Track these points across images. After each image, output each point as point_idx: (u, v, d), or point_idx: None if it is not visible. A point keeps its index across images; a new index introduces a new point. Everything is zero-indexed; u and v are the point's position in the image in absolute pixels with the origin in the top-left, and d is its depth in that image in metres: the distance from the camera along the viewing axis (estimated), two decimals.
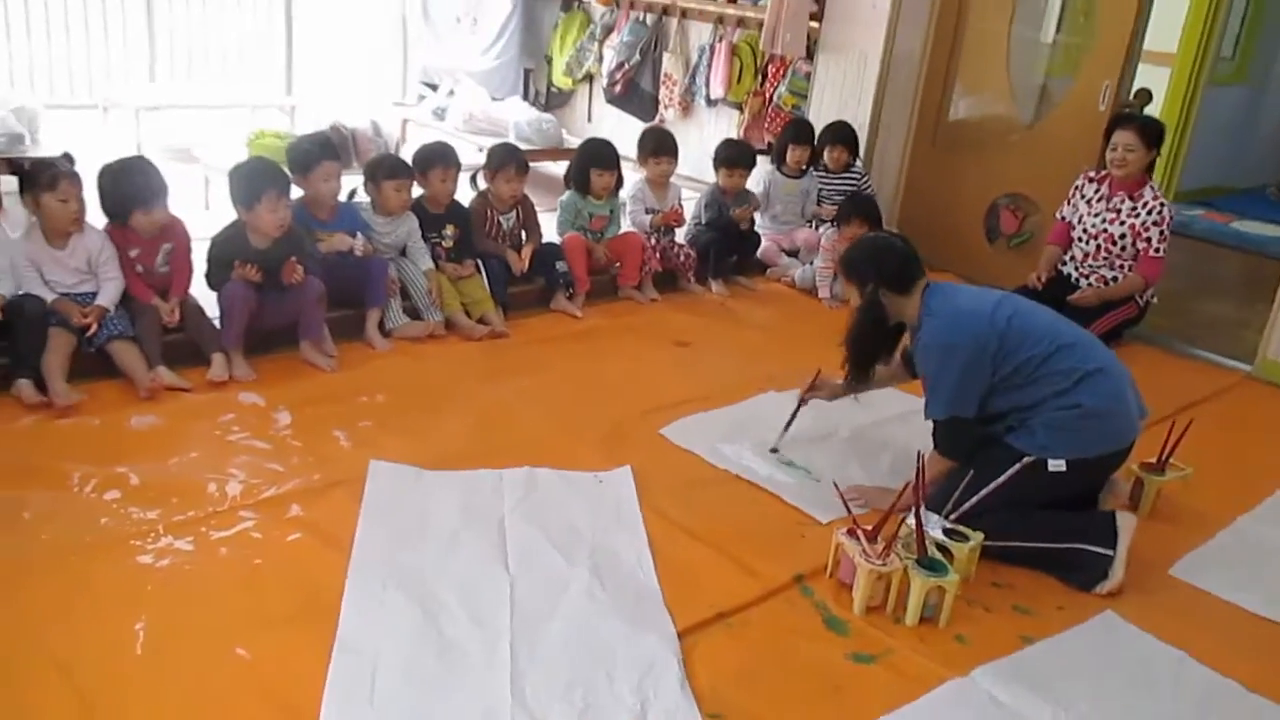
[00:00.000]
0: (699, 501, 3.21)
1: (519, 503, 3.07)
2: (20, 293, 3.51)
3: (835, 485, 2.94)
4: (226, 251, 3.85)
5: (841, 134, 5.90)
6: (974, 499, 2.94)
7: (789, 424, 3.59)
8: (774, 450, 3.54)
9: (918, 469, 2.82)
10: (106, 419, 3.37)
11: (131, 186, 3.69)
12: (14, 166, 3.61)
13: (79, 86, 7.53)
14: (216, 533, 2.80)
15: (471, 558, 2.78)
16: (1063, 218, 5.16)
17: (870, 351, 3.30)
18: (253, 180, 3.84)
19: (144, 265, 3.80)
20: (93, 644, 2.33)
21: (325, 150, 4.20)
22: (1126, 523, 2.97)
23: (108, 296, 3.66)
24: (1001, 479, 2.94)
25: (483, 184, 4.80)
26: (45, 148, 5.01)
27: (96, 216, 3.74)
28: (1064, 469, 2.96)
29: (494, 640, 2.45)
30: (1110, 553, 2.92)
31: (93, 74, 7.58)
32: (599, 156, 5.02)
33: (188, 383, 3.62)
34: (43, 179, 3.53)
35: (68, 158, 3.66)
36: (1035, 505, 3.01)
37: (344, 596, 2.56)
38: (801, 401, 3.63)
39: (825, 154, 5.89)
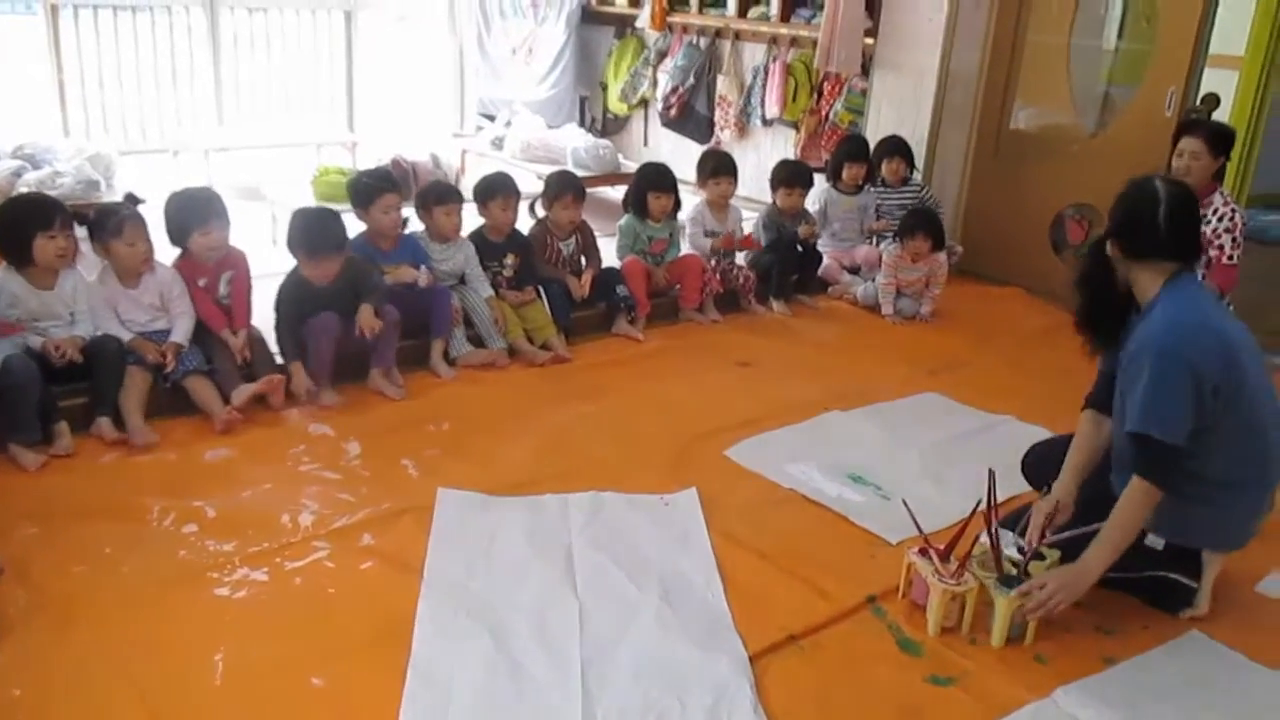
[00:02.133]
0: (767, 523, 3.19)
1: (585, 527, 3.07)
2: (98, 333, 3.61)
3: (905, 504, 2.89)
4: (293, 295, 3.93)
5: (896, 146, 5.87)
6: (1069, 533, 2.77)
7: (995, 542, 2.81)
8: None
9: (990, 487, 2.76)
10: (182, 454, 3.44)
11: (190, 210, 3.80)
12: (80, 216, 3.70)
13: (151, 132, 7.77)
14: (291, 563, 2.84)
15: (540, 583, 2.78)
16: None
17: (1093, 303, 2.80)
18: (313, 236, 3.94)
19: (211, 296, 3.89)
20: (173, 675, 2.37)
21: (384, 183, 4.28)
22: (1212, 556, 2.84)
23: (181, 332, 3.75)
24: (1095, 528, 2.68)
25: (541, 211, 4.84)
26: (120, 193, 5.14)
27: (167, 254, 3.85)
28: (1160, 548, 2.75)
29: (565, 667, 2.44)
30: (1195, 584, 2.82)
31: (163, 119, 7.82)
32: (656, 180, 5.04)
33: (266, 386, 3.70)
34: (109, 226, 3.64)
35: (131, 199, 3.77)
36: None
37: (416, 624, 2.57)
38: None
39: (882, 168, 5.85)
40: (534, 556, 2.90)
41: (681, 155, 7.83)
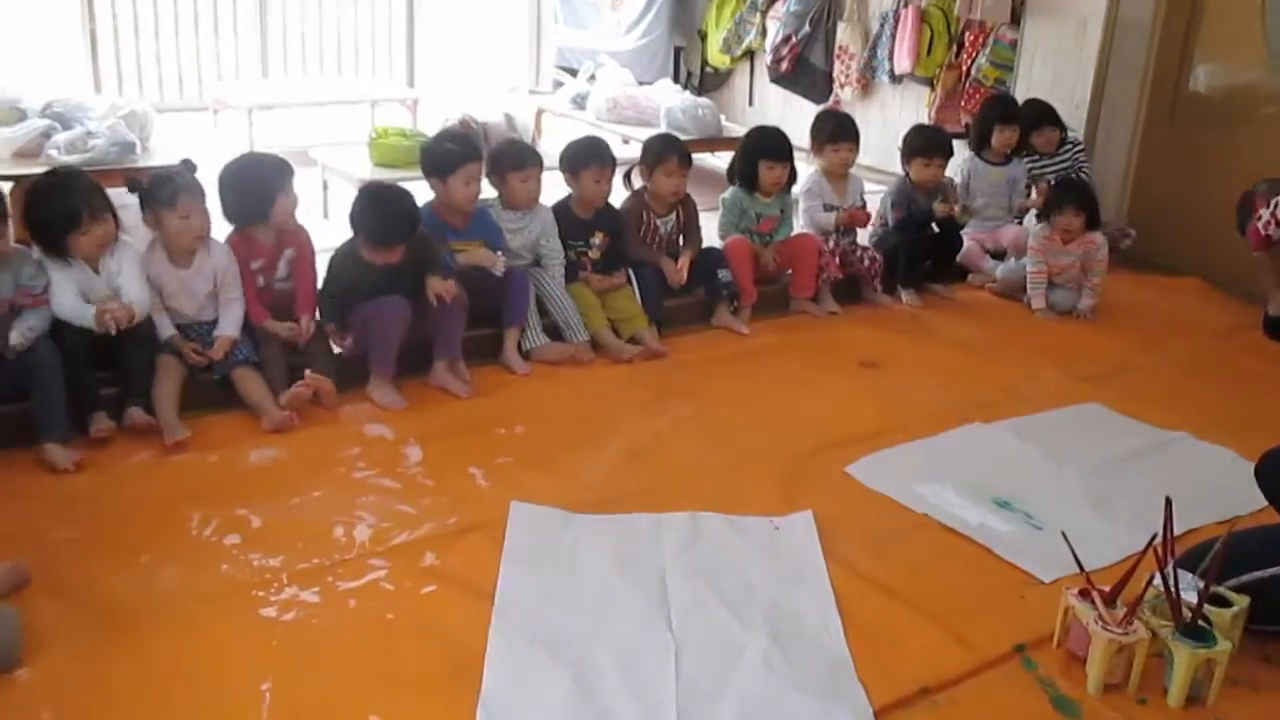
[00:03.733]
0: (894, 553, 3.16)
1: (682, 552, 3.08)
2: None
3: (1064, 536, 2.83)
4: (347, 274, 4.01)
5: (1045, 114, 5.83)
6: (1262, 574, 2.72)
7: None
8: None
9: (1166, 517, 2.70)
10: (224, 455, 3.53)
11: (261, 175, 3.90)
12: (131, 181, 3.81)
13: (189, 87, 7.99)
14: (344, 583, 2.89)
15: (628, 617, 2.79)
16: None
17: None
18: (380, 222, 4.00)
19: (265, 278, 3.99)
20: (216, 705, 2.43)
21: (468, 149, 4.32)
22: None
23: (232, 322, 3.84)
24: None
25: (638, 182, 4.85)
26: (158, 155, 5.29)
27: (219, 230, 3.96)
28: None
29: (657, 714, 2.45)
30: None
31: (203, 73, 8.03)
32: (769, 146, 5.02)
33: (318, 384, 3.78)
34: (162, 195, 3.73)
35: (188, 165, 3.87)
36: None
37: (486, 657, 2.60)
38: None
39: (1032, 138, 5.79)
40: (622, 585, 2.92)
41: (793, 116, 7.81)
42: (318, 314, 4.05)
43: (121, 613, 2.71)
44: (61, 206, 3.59)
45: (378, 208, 4.01)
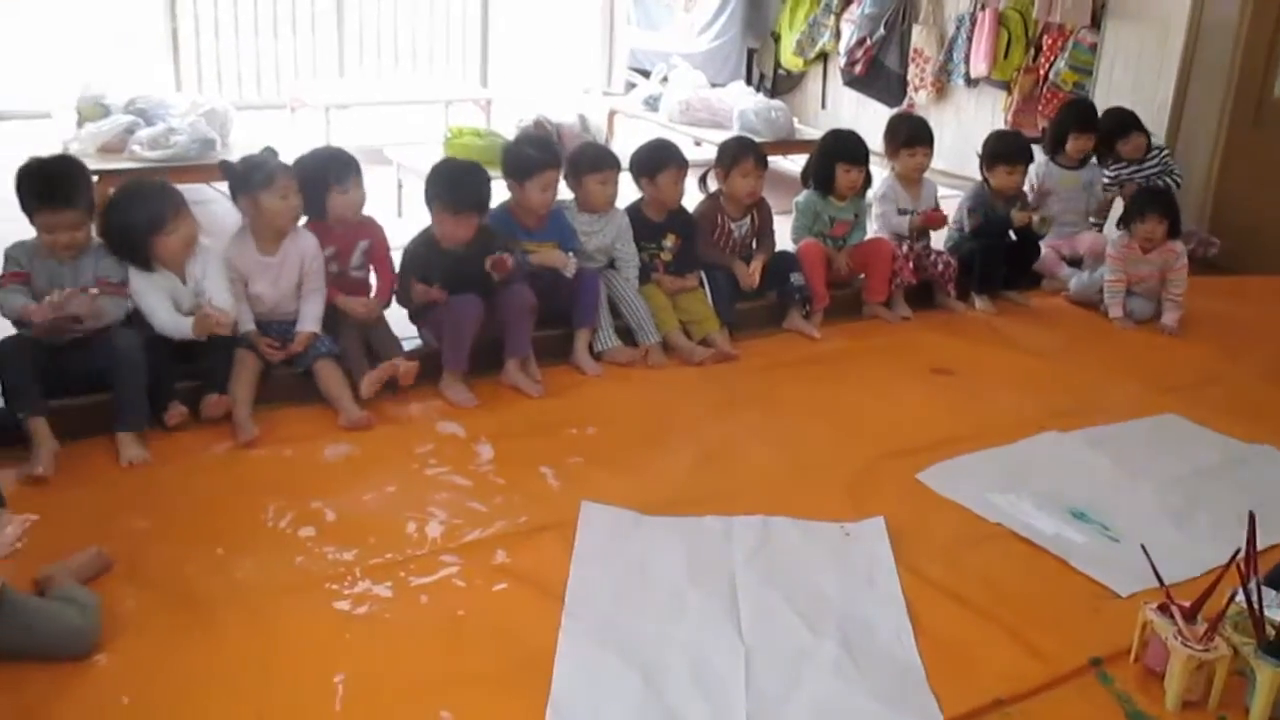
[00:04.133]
0: (968, 563, 3.13)
1: (752, 556, 3.07)
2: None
3: (1144, 549, 2.78)
4: (420, 258, 4.06)
5: (1130, 121, 5.75)
6: None
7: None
8: None
9: (1250, 532, 2.64)
10: (300, 448, 3.58)
11: (327, 167, 3.94)
12: (224, 165, 3.90)
13: (266, 86, 8.13)
14: (417, 579, 2.92)
15: (699, 620, 2.79)
16: None
17: None
18: (460, 191, 4.04)
19: (339, 266, 4.04)
20: (290, 696, 2.47)
21: (548, 156, 4.33)
22: None
23: (312, 316, 3.89)
24: None
25: (714, 184, 4.84)
26: (237, 152, 5.35)
27: None
28: None
29: (728, 719, 2.44)
30: None
31: (280, 72, 8.17)
32: (846, 149, 4.99)
33: (394, 370, 3.84)
34: (258, 176, 3.78)
35: (270, 151, 3.93)
36: None
37: (556, 657, 2.61)
38: None
39: (1119, 146, 5.72)
40: (692, 588, 2.91)
41: (866, 119, 7.77)
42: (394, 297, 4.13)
43: (198, 601, 2.77)
44: (144, 211, 3.63)
45: (450, 174, 4.11)
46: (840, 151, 4.99)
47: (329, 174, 3.93)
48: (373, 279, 4.17)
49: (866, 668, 2.65)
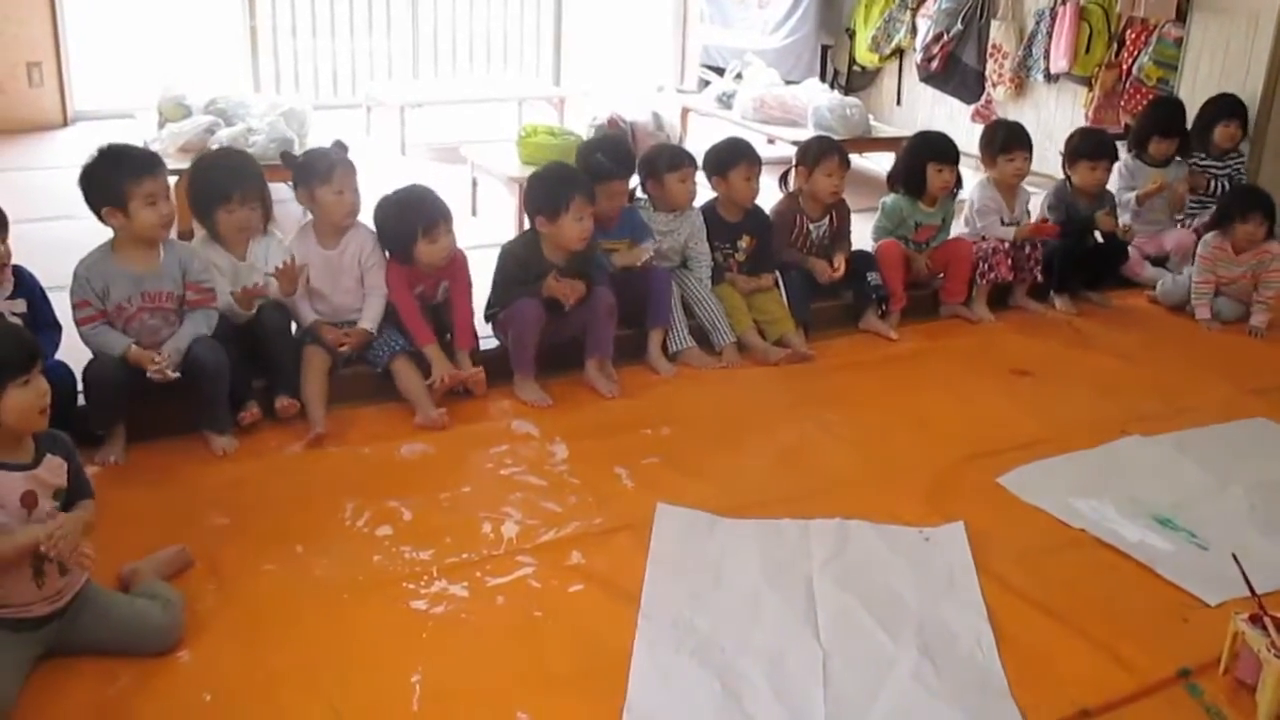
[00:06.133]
0: (1050, 569, 3.08)
1: (830, 560, 3.05)
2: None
3: (1235, 558, 2.71)
4: (520, 268, 4.04)
5: (1234, 108, 5.66)
6: None
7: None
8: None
9: None
10: (376, 447, 3.62)
11: (413, 218, 3.87)
12: (286, 156, 3.95)
13: (343, 86, 8.24)
14: (493, 579, 2.94)
15: (776, 624, 2.77)
16: None
17: None
18: (558, 188, 3.98)
19: (424, 300, 4.02)
20: (367, 693, 2.49)
21: (620, 165, 4.32)
22: None
23: (372, 316, 3.89)
24: None
25: (794, 184, 4.81)
26: None
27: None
28: None
29: None
30: None
31: (356, 72, 8.28)
32: (937, 149, 4.90)
33: (468, 378, 3.86)
34: (318, 170, 3.82)
35: (340, 145, 3.96)
36: None
37: (632, 660, 2.61)
38: None
39: (1215, 132, 5.62)
40: (769, 591, 2.90)
41: (941, 116, 7.69)
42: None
43: (277, 599, 2.80)
44: (216, 178, 3.71)
45: (548, 181, 4.06)
46: (931, 151, 4.90)
47: (417, 225, 3.85)
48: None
49: (947, 675, 2.61)
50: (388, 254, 3.96)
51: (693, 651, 2.65)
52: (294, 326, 3.87)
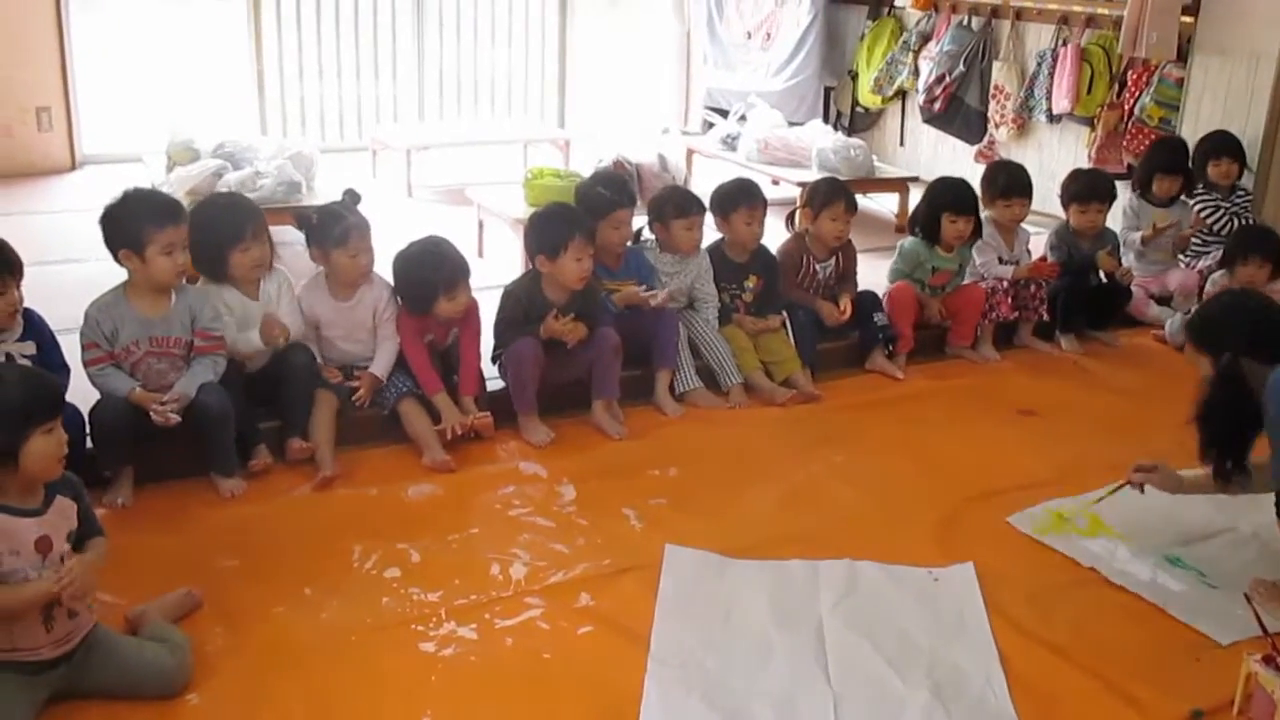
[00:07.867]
0: (1060, 610, 3.08)
1: (839, 602, 3.04)
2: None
3: (1248, 597, 2.71)
4: (521, 308, 4.06)
5: (1224, 143, 5.69)
6: None
7: (1101, 499, 3.49)
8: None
9: None
10: (384, 489, 3.63)
11: (434, 277, 3.88)
12: (300, 218, 3.96)
13: (349, 129, 8.31)
14: (501, 621, 2.94)
15: (786, 667, 2.77)
16: None
17: (1226, 437, 3.16)
18: (558, 227, 4.02)
19: (434, 346, 4.05)
20: None
21: (621, 195, 4.37)
22: None
23: (383, 364, 3.92)
24: None
25: (800, 225, 4.84)
26: (322, 195, 5.48)
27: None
28: None
29: None
30: None
31: (362, 115, 8.35)
32: (952, 199, 4.86)
33: (477, 423, 3.86)
34: (333, 233, 3.83)
35: (351, 195, 3.97)
36: None
37: (642, 703, 2.61)
38: (1126, 482, 3.47)
39: (1209, 170, 5.62)
40: (778, 633, 2.89)
41: (943, 156, 7.74)
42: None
43: (286, 641, 2.80)
44: (226, 219, 3.72)
45: (546, 220, 4.11)
46: (945, 201, 4.86)
47: (439, 285, 3.87)
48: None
49: (958, 717, 2.61)
50: (399, 299, 3.98)
51: (703, 694, 2.64)
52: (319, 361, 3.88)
